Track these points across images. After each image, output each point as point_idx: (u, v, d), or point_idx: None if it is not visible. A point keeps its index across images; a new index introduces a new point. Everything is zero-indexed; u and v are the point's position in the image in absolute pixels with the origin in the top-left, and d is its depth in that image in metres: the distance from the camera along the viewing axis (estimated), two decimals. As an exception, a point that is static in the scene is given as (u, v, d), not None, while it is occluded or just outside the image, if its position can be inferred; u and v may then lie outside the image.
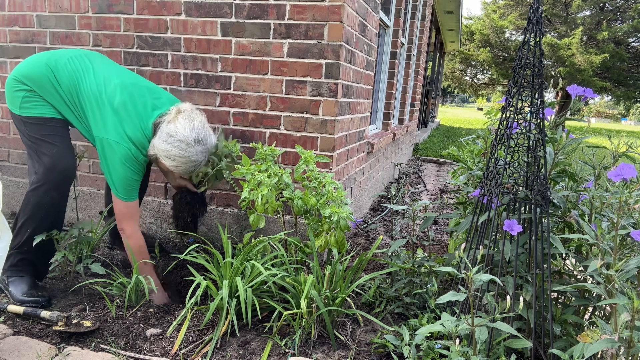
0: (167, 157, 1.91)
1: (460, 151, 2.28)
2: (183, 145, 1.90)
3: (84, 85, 1.94)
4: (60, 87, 1.95)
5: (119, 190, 1.93)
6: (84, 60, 2.03)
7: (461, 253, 1.40)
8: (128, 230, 2.00)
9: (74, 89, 1.94)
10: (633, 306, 1.18)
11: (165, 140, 1.89)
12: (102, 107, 1.91)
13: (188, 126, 1.90)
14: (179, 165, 1.94)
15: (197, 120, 1.95)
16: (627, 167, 1.37)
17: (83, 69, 1.98)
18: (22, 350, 1.61)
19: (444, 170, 6.65)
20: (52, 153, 1.95)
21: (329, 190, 1.99)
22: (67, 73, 1.95)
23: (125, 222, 1.99)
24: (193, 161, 1.95)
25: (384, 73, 4.79)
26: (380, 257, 2.67)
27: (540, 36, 1.53)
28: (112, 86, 1.95)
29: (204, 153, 1.97)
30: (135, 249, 2.02)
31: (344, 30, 2.31)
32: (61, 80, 1.94)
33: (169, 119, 1.93)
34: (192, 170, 2.00)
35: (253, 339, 1.78)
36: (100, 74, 1.98)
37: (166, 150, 1.90)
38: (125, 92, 1.95)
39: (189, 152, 1.92)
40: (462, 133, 12.50)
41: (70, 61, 1.99)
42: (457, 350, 1.38)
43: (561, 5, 18.65)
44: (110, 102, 1.91)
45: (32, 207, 1.95)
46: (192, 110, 1.98)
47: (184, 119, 1.92)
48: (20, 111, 1.96)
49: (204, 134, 1.95)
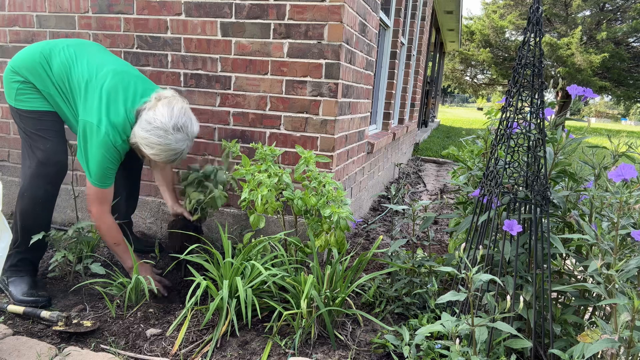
0: (147, 144, 1.87)
1: (460, 151, 2.28)
2: (161, 133, 1.85)
3: (76, 70, 1.94)
4: (52, 73, 1.95)
5: (93, 176, 1.90)
6: (80, 48, 2.03)
7: (461, 253, 1.40)
8: (95, 213, 1.97)
9: (65, 75, 1.94)
10: (633, 306, 1.18)
11: (144, 127, 1.85)
12: (91, 91, 1.90)
13: (167, 113, 1.85)
14: (158, 153, 1.89)
15: (177, 107, 1.89)
16: (627, 167, 1.37)
17: (77, 56, 1.98)
18: (22, 350, 1.61)
19: (444, 170, 6.65)
20: (46, 148, 1.96)
21: (329, 190, 1.99)
22: (60, 59, 1.95)
23: (94, 205, 1.96)
24: (173, 149, 1.89)
25: (384, 73, 4.79)
26: (380, 257, 2.67)
27: (540, 36, 1.53)
28: (104, 72, 1.93)
29: (185, 141, 1.92)
30: (103, 232, 2.00)
31: (344, 30, 2.31)
32: (53, 66, 1.95)
33: (149, 106, 1.89)
34: (174, 159, 1.94)
35: (253, 339, 1.78)
36: (94, 61, 1.98)
37: (145, 137, 1.85)
38: (116, 78, 1.93)
39: (167, 140, 1.86)
40: (462, 133, 12.50)
41: (65, 49, 1.99)
42: (457, 350, 1.38)
43: (561, 5, 18.65)
44: (100, 85, 1.90)
45: (27, 201, 1.97)
46: (173, 97, 1.93)
47: (162, 106, 1.87)
48: (16, 103, 1.97)
49: (183, 121, 1.89)
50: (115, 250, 2.06)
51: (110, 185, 1.97)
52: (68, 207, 2.91)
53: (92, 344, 1.71)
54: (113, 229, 2.03)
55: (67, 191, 2.82)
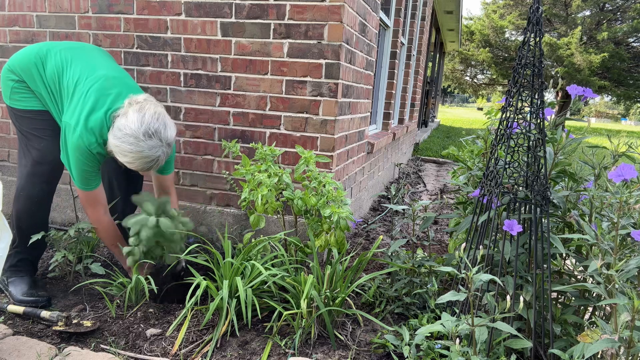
0: (120, 152, 1.79)
1: (460, 151, 2.28)
2: (132, 140, 1.75)
3: (68, 73, 1.93)
4: (45, 74, 1.94)
5: (75, 179, 1.88)
6: (78, 52, 2.02)
7: (461, 253, 1.40)
8: (90, 215, 1.96)
9: (57, 77, 1.93)
10: (633, 306, 1.18)
11: (116, 134, 1.77)
12: (77, 93, 1.87)
13: (137, 119, 1.75)
14: (132, 161, 1.80)
15: (149, 113, 1.79)
16: (627, 167, 1.37)
17: (72, 59, 1.97)
18: (22, 350, 1.61)
19: (444, 170, 6.65)
20: (41, 147, 1.97)
21: (329, 190, 1.99)
22: (55, 61, 1.95)
23: (87, 208, 1.95)
24: (147, 156, 1.79)
25: (384, 73, 4.79)
26: (380, 257, 2.67)
27: (540, 36, 1.53)
28: (95, 75, 1.90)
29: (159, 147, 1.80)
30: (100, 233, 2.00)
31: (344, 30, 2.31)
32: (47, 68, 1.94)
33: (122, 112, 1.80)
34: (149, 167, 1.84)
35: (253, 339, 1.78)
36: (87, 64, 1.96)
37: (117, 145, 1.77)
38: (105, 82, 1.89)
39: (139, 147, 1.76)
40: (462, 133, 12.50)
41: (62, 51, 1.99)
42: (457, 350, 1.38)
43: (561, 5, 18.65)
44: (87, 88, 1.87)
45: (24, 200, 1.97)
46: (146, 101, 1.83)
47: (133, 112, 1.77)
48: (10, 102, 1.98)
49: (156, 127, 1.78)
50: (114, 251, 2.07)
51: (96, 187, 1.93)
52: (68, 207, 2.91)
53: (92, 344, 1.71)
54: (110, 229, 2.02)
55: (67, 191, 2.82)
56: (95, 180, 1.92)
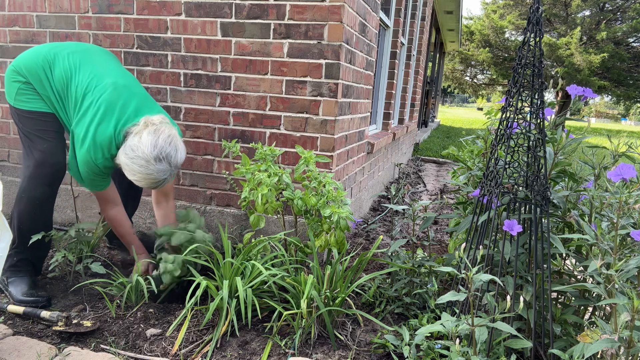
0: (129, 171, 1.84)
1: (460, 151, 2.28)
2: (143, 162, 1.81)
3: (76, 79, 1.94)
4: (53, 80, 1.95)
5: (86, 184, 1.96)
6: (85, 55, 2.02)
7: (461, 253, 1.40)
8: (103, 211, 2.09)
9: (65, 83, 1.94)
10: (633, 306, 1.18)
11: (127, 154, 1.82)
12: (87, 102, 1.89)
13: (150, 142, 1.80)
14: (139, 180, 1.86)
15: (163, 137, 1.83)
16: (626, 167, 1.37)
17: (80, 64, 1.97)
18: (22, 350, 1.61)
19: (444, 170, 6.65)
20: (44, 148, 1.96)
21: (329, 190, 1.99)
22: (63, 66, 1.95)
23: (102, 205, 2.07)
24: (155, 178, 1.85)
25: (384, 73, 4.79)
26: (380, 257, 2.67)
27: (540, 36, 1.53)
28: (104, 84, 1.91)
29: (167, 171, 1.86)
30: (110, 224, 2.12)
31: (344, 30, 2.31)
32: (55, 73, 1.95)
33: (136, 130, 1.85)
34: (155, 187, 1.90)
35: (253, 339, 1.78)
36: (96, 71, 1.96)
37: (127, 164, 1.83)
38: (115, 93, 1.90)
39: (149, 170, 1.82)
40: (462, 133, 12.50)
41: (70, 55, 1.99)
42: (457, 350, 1.38)
43: (561, 5, 18.65)
44: (97, 98, 1.88)
45: (25, 202, 1.97)
46: (161, 124, 1.87)
47: (148, 134, 1.82)
48: (15, 103, 1.98)
49: (167, 151, 1.83)
50: (123, 241, 2.18)
51: (106, 188, 2.02)
52: (68, 207, 2.91)
53: (92, 344, 1.71)
54: (117, 221, 2.10)
55: (67, 191, 2.82)
56: (104, 183, 2.00)
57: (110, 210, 2.08)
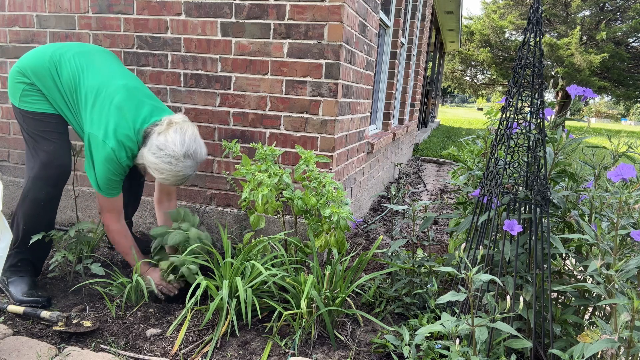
0: (156, 169, 1.90)
1: (460, 151, 2.28)
2: (172, 160, 1.87)
3: (85, 81, 1.94)
4: (61, 82, 1.95)
5: (101, 188, 1.93)
6: (91, 56, 2.03)
7: (461, 253, 1.40)
8: (108, 224, 2.02)
9: (74, 85, 1.94)
10: (633, 306, 1.18)
11: (155, 153, 1.87)
12: (100, 104, 1.90)
13: (179, 140, 1.87)
14: (167, 178, 1.92)
15: (188, 134, 1.90)
16: (626, 167, 1.37)
17: (87, 66, 1.98)
18: (22, 350, 1.61)
19: (444, 170, 6.65)
20: (50, 150, 1.96)
21: (329, 190, 1.99)
22: (70, 68, 1.95)
23: (105, 214, 2.01)
24: (182, 175, 1.92)
25: (384, 73, 4.79)
26: (380, 257, 2.67)
27: (540, 36, 1.53)
28: (115, 86, 1.94)
29: (194, 167, 1.94)
30: (111, 238, 2.05)
31: (344, 31, 2.31)
32: (62, 75, 1.95)
33: (159, 130, 1.89)
34: (180, 183, 1.97)
35: (253, 339, 1.78)
36: (104, 72, 1.99)
37: (155, 163, 1.88)
38: (127, 94, 1.94)
39: (177, 167, 1.88)
40: (462, 133, 12.50)
41: (75, 57, 1.99)
42: (457, 350, 1.38)
43: (561, 5, 18.65)
44: (110, 100, 1.90)
45: (30, 203, 1.96)
46: (184, 122, 1.94)
47: (174, 132, 1.88)
48: (20, 104, 1.97)
49: (194, 148, 1.91)
50: (126, 259, 2.10)
51: (118, 194, 1.99)
52: (68, 207, 2.91)
53: (92, 344, 1.71)
54: (121, 235, 2.04)
55: (67, 191, 2.82)
56: (118, 188, 1.98)
57: (117, 221, 2.03)
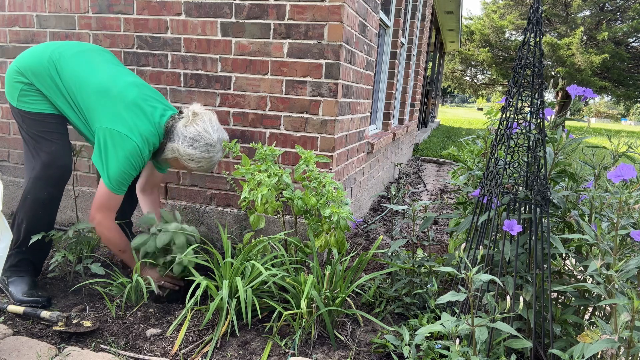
0: (192, 159, 1.98)
1: (460, 151, 2.27)
2: (209, 148, 1.98)
3: (91, 79, 1.93)
4: (62, 81, 1.94)
5: (112, 182, 1.90)
6: (92, 55, 2.03)
7: (461, 253, 1.40)
8: (99, 219, 1.96)
9: (78, 84, 1.93)
10: (633, 306, 1.18)
11: (191, 144, 1.95)
12: (111, 101, 1.91)
13: (210, 128, 1.97)
14: (204, 165, 2.02)
15: (214, 120, 2.02)
16: (626, 167, 1.37)
17: (90, 64, 1.98)
18: (22, 350, 1.61)
19: (444, 170, 6.65)
20: (51, 150, 1.95)
21: (329, 190, 1.99)
22: (72, 67, 1.94)
23: (100, 211, 1.95)
24: (215, 160, 2.04)
25: (384, 73, 4.79)
26: (380, 257, 2.67)
27: (540, 36, 1.53)
28: (125, 83, 1.97)
29: (222, 151, 2.06)
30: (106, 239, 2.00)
31: (344, 31, 2.31)
32: (63, 74, 1.94)
33: (185, 122, 1.96)
34: (210, 168, 2.08)
35: (253, 339, 1.78)
36: (109, 70, 2.00)
37: (191, 154, 1.96)
38: (139, 91, 1.98)
39: (212, 154, 2.00)
40: (462, 133, 12.50)
41: (76, 56, 1.98)
42: (457, 351, 1.38)
43: (561, 5, 18.64)
44: (123, 97, 1.92)
45: (30, 203, 1.96)
46: (206, 111, 2.04)
47: (203, 122, 1.97)
48: (18, 104, 1.96)
49: (222, 132, 2.04)
50: (122, 257, 2.07)
51: (124, 193, 1.99)
52: (68, 207, 2.91)
53: (92, 344, 1.71)
54: (116, 235, 2.02)
55: (67, 191, 2.82)
56: (127, 185, 1.98)
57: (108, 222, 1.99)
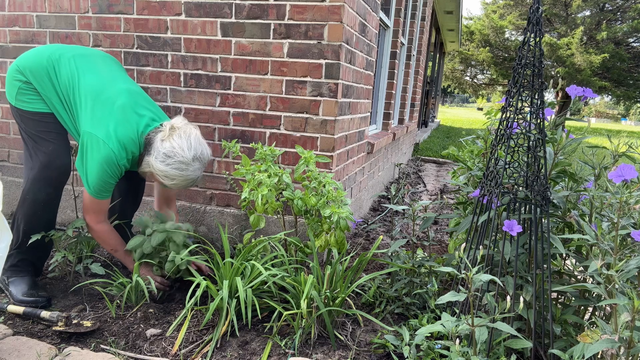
0: (166, 176, 1.89)
1: (460, 151, 2.27)
2: (182, 166, 1.87)
3: (85, 82, 1.93)
4: (58, 82, 1.94)
5: (92, 189, 1.89)
6: (91, 59, 2.03)
7: (461, 253, 1.40)
8: (90, 221, 1.97)
9: (72, 85, 1.93)
10: (633, 306, 1.18)
11: (163, 160, 1.85)
12: (101, 105, 1.89)
13: (185, 145, 1.86)
14: (177, 183, 1.92)
15: (193, 137, 1.90)
16: (627, 167, 1.37)
17: (87, 67, 1.98)
18: (22, 350, 1.61)
19: (444, 170, 6.65)
20: (49, 150, 1.95)
21: (329, 190, 1.99)
22: (69, 68, 1.95)
23: (89, 213, 1.96)
24: (192, 179, 1.93)
25: (384, 73, 4.79)
26: (380, 257, 2.67)
27: (540, 36, 1.53)
28: (118, 89, 1.94)
29: (201, 169, 1.95)
30: (99, 239, 2.01)
31: (344, 31, 2.31)
32: (60, 75, 1.94)
33: (162, 136, 1.88)
34: (190, 186, 1.97)
35: (253, 339, 1.78)
36: (105, 75, 1.99)
37: (164, 170, 1.87)
38: (130, 97, 1.94)
39: (187, 172, 1.89)
40: (462, 133, 12.50)
41: (75, 58, 1.98)
42: (457, 351, 1.38)
43: (561, 5, 18.64)
44: (112, 102, 1.90)
45: (29, 204, 1.96)
46: (186, 125, 1.93)
47: (179, 137, 1.87)
48: (16, 102, 1.97)
49: (200, 150, 1.91)
50: (116, 256, 2.08)
51: (108, 197, 1.96)
52: (68, 207, 2.91)
53: (92, 344, 1.71)
54: (109, 235, 2.02)
55: (67, 191, 2.82)
56: (110, 191, 1.95)
57: (102, 222, 2.00)
